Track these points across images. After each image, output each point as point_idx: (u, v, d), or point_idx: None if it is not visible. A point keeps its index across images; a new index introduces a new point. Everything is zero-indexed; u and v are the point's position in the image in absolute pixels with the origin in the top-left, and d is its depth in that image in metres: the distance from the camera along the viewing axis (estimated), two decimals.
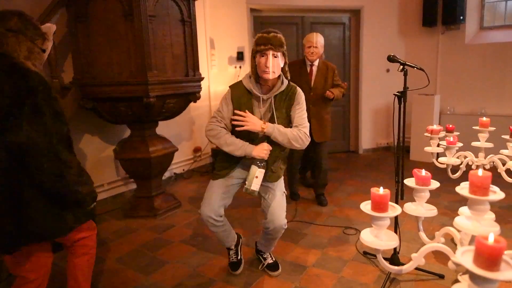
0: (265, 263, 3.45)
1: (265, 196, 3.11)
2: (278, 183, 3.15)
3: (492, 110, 6.80)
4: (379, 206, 1.66)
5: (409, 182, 2.05)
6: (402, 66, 3.14)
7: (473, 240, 1.65)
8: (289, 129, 2.92)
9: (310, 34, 4.77)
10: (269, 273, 3.40)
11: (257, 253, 3.57)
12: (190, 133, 6.67)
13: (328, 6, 7.37)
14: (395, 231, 3.25)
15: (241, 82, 3.01)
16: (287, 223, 3.11)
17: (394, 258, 3.29)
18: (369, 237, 1.71)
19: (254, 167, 2.84)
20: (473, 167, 3.37)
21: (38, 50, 2.29)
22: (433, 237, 1.97)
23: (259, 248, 3.52)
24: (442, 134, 3.44)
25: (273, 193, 3.09)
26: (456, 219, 1.72)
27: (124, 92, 4.16)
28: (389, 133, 8.05)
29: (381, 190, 1.67)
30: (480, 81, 7.05)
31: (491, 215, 1.88)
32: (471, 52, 7.11)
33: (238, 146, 2.88)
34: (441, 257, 3.43)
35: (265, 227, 3.13)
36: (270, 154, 2.95)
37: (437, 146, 3.39)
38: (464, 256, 1.29)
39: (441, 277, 3.18)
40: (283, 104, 2.98)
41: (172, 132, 5.83)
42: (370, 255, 3.59)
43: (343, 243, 3.92)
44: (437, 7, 7.14)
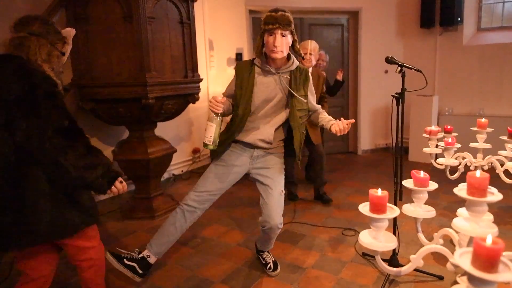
0: (269, 264, 3.43)
1: (262, 193, 3.11)
2: (278, 181, 3.13)
3: (490, 111, 6.81)
4: (377, 207, 1.66)
5: (408, 183, 2.05)
6: (400, 68, 3.15)
7: (471, 241, 1.66)
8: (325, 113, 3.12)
9: (305, 41, 4.84)
10: (268, 272, 3.40)
11: (258, 254, 3.57)
12: (189, 134, 6.67)
13: (327, 7, 7.38)
14: (394, 232, 3.25)
15: (249, 60, 3.05)
16: (286, 224, 3.11)
17: (393, 260, 3.28)
18: (367, 238, 1.71)
19: (208, 118, 2.86)
20: (471, 168, 3.38)
21: (58, 53, 2.38)
22: (432, 239, 1.98)
23: (259, 247, 3.51)
24: (441, 135, 3.44)
25: (272, 192, 3.07)
26: (455, 221, 1.72)
27: (123, 94, 4.16)
28: (387, 134, 8.06)
29: (379, 192, 1.68)
30: (478, 82, 7.06)
31: (490, 216, 1.88)
32: (469, 53, 7.13)
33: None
34: (440, 259, 3.43)
35: (262, 225, 3.11)
36: (301, 140, 3.05)
37: (436, 147, 3.39)
38: (462, 258, 1.29)
39: (440, 278, 3.18)
40: (300, 83, 3.00)
41: (171, 133, 5.83)
42: (369, 256, 3.59)
43: (342, 245, 3.92)
44: (435, 8, 7.16)
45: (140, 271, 3.09)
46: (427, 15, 7.24)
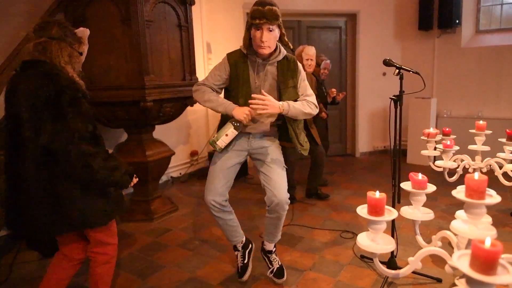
0: (273, 268, 3.34)
1: (265, 171, 3.10)
2: (278, 157, 3.14)
3: (488, 113, 6.82)
4: (375, 210, 1.66)
5: (406, 185, 2.05)
6: (398, 70, 3.15)
7: (470, 244, 1.65)
8: (299, 103, 2.94)
9: (307, 47, 4.95)
10: (275, 280, 3.31)
11: (264, 255, 3.44)
12: (187, 137, 6.67)
13: (325, 10, 7.39)
14: (392, 235, 3.25)
15: (238, 50, 3.00)
16: (284, 227, 3.10)
17: (391, 262, 3.28)
18: (365, 241, 1.71)
19: (229, 124, 2.85)
20: (470, 170, 3.38)
21: (77, 54, 2.50)
22: (430, 241, 1.98)
23: (267, 240, 3.37)
24: (439, 137, 3.44)
25: (274, 166, 3.08)
26: (453, 223, 1.72)
27: (121, 96, 4.16)
28: (385, 136, 8.07)
29: (377, 194, 1.68)
30: (477, 84, 7.07)
31: (488, 219, 1.88)
32: (467, 55, 7.14)
33: (220, 103, 2.92)
34: (439, 261, 3.42)
35: (269, 203, 3.06)
36: (297, 127, 3.04)
37: (434, 149, 3.40)
38: (461, 260, 1.29)
39: (439, 281, 3.17)
40: (288, 75, 2.96)
41: (169, 136, 5.82)
42: (367, 259, 3.59)
43: (340, 247, 3.91)
44: (433, 10, 7.16)
45: (250, 246, 3.49)
46: (425, 17, 7.24)
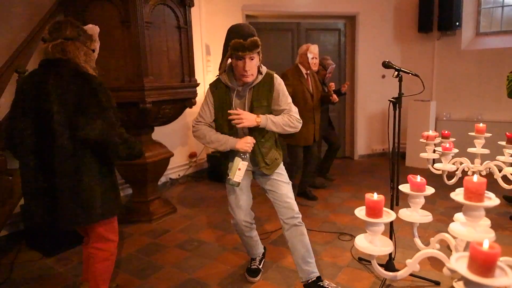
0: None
1: (272, 188, 3.13)
2: (281, 176, 3.16)
3: (488, 116, 6.81)
4: (373, 211, 1.65)
5: (404, 188, 2.04)
6: (397, 72, 3.15)
7: (468, 246, 1.65)
8: (279, 117, 2.95)
9: (312, 46, 4.98)
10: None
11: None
12: (185, 139, 6.66)
13: (324, 12, 7.40)
14: (390, 237, 3.25)
15: (218, 78, 3.02)
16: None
17: (389, 264, 3.28)
18: (363, 242, 1.70)
19: (238, 159, 2.89)
20: (469, 173, 3.37)
21: (90, 52, 2.63)
22: (429, 244, 1.97)
23: (303, 278, 3.17)
24: (438, 140, 3.43)
25: (279, 186, 3.11)
26: (451, 225, 1.71)
27: (120, 98, 4.13)
28: (384, 139, 8.06)
29: (375, 196, 1.67)
30: (477, 87, 7.07)
31: (487, 222, 1.87)
32: (467, 58, 7.14)
33: (222, 142, 2.94)
34: (437, 264, 3.42)
35: (285, 218, 3.10)
36: (262, 146, 3.02)
37: (433, 152, 3.39)
38: (459, 262, 1.29)
39: (437, 283, 3.17)
40: (263, 94, 2.96)
41: (168, 137, 5.82)
42: (365, 261, 3.58)
43: (338, 249, 3.91)
44: (432, 13, 7.16)
45: (264, 254, 3.66)
46: (425, 19, 7.24)
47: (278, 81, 3.00)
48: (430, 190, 2.00)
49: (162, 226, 4.69)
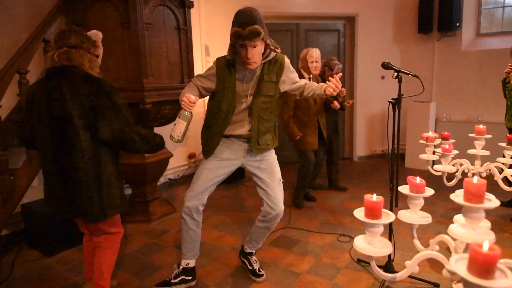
0: (253, 268, 3.44)
1: (262, 185, 3.16)
2: (275, 171, 3.21)
3: (488, 118, 6.79)
4: (372, 213, 1.65)
5: (404, 189, 2.03)
6: (396, 73, 3.14)
7: (468, 248, 1.64)
8: (309, 83, 3.15)
9: (311, 49, 4.91)
10: (255, 279, 3.40)
11: (244, 257, 3.53)
12: (185, 140, 6.63)
13: (323, 13, 7.39)
14: (389, 238, 3.24)
15: (226, 56, 3.04)
16: (280, 230, 3.11)
17: (388, 266, 3.27)
18: (362, 244, 1.70)
19: (178, 113, 2.94)
20: (469, 175, 3.36)
21: (94, 58, 2.70)
22: (428, 245, 1.96)
23: (251, 247, 3.48)
24: (438, 141, 3.43)
25: (271, 182, 3.15)
26: (451, 227, 1.71)
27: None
28: (384, 140, 8.05)
29: (374, 197, 1.67)
30: (477, 88, 7.04)
31: (487, 223, 1.87)
32: (468, 59, 7.12)
33: (181, 94, 3.00)
34: (436, 266, 3.41)
35: (264, 214, 3.16)
36: (262, 124, 3.07)
37: (433, 153, 3.38)
38: (458, 264, 1.28)
39: (436, 285, 3.16)
40: (274, 71, 3.01)
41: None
42: (364, 262, 3.58)
43: (337, 250, 3.91)
44: (432, 13, 7.15)
45: (190, 277, 3.31)
46: (424, 20, 7.23)
47: (287, 60, 3.08)
48: (429, 192, 2.00)
49: (161, 226, 4.68)
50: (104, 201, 2.62)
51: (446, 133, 3.56)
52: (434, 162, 3.39)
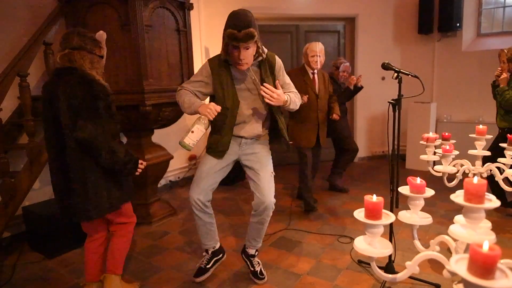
0: (254, 270, 3.44)
1: (254, 178, 3.20)
2: (266, 164, 3.25)
3: (489, 118, 6.73)
4: (372, 213, 1.64)
5: (404, 190, 2.03)
6: (396, 74, 3.14)
7: (468, 249, 1.64)
8: (293, 94, 3.14)
9: (312, 43, 4.84)
10: (256, 281, 3.40)
11: (247, 258, 3.51)
12: None
13: (323, 14, 7.40)
14: (390, 239, 3.24)
15: (219, 56, 3.06)
16: (281, 231, 3.10)
17: (389, 267, 3.27)
18: (362, 244, 1.70)
19: (196, 121, 2.95)
20: (469, 175, 3.35)
21: (98, 58, 2.81)
22: (429, 246, 1.96)
23: (248, 249, 3.47)
24: (438, 142, 3.42)
25: (262, 173, 3.18)
26: (451, 227, 1.70)
27: (120, 101, 4.14)
28: (384, 141, 8.05)
29: (374, 198, 1.66)
30: (477, 89, 7.02)
31: (487, 224, 1.86)
32: (468, 59, 7.12)
33: (189, 104, 3.03)
34: (437, 266, 3.41)
35: (255, 208, 3.17)
36: (283, 119, 3.17)
37: (433, 154, 3.37)
38: (459, 264, 1.28)
39: (437, 286, 3.16)
40: (268, 72, 3.07)
41: (168, 140, 5.81)
42: (364, 263, 3.58)
43: (338, 252, 3.90)
44: (433, 14, 7.16)
45: (220, 255, 3.54)
46: (425, 20, 7.24)
47: (279, 61, 3.17)
48: (430, 192, 1.99)
49: (162, 228, 4.68)
50: (90, 203, 2.70)
51: (446, 133, 3.56)
52: (434, 163, 3.39)
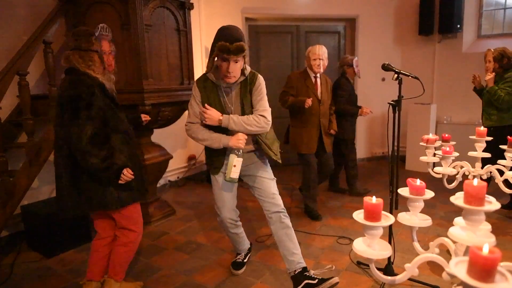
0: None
1: (257, 185, 3.22)
2: (266, 173, 3.25)
3: None
4: (371, 215, 1.63)
5: (403, 191, 2.02)
6: (396, 75, 3.13)
7: (468, 251, 1.63)
8: (244, 117, 3.02)
9: (314, 46, 4.73)
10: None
11: (304, 278, 3.16)
12: (184, 141, 6.66)
13: (323, 15, 7.40)
14: (389, 241, 3.23)
15: (206, 76, 3.09)
16: None
17: (388, 269, 3.26)
18: (361, 246, 1.69)
19: (232, 156, 2.98)
20: (469, 177, 3.35)
21: (89, 55, 2.80)
22: (428, 248, 1.95)
23: (296, 269, 3.18)
24: (438, 143, 3.41)
25: (265, 179, 3.21)
26: (451, 229, 1.70)
27: (120, 100, 4.11)
28: (384, 142, 8.04)
29: (373, 199, 1.66)
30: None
31: (487, 226, 1.85)
32: (469, 60, 7.10)
33: (215, 140, 3.01)
34: (436, 268, 3.41)
35: (270, 213, 3.18)
36: (263, 139, 3.14)
37: (433, 155, 3.37)
38: (458, 267, 1.27)
39: None
40: (247, 90, 3.08)
41: (167, 140, 5.81)
42: (363, 265, 3.57)
43: (337, 253, 3.90)
44: (433, 15, 7.15)
45: (250, 249, 3.78)
46: (425, 22, 7.23)
47: (260, 81, 3.12)
48: (429, 194, 1.98)
49: (161, 228, 4.68)
50: (81, 198, 2.81)
51: (446, 135, 3.55)
52: (434, 164, 3.38)
